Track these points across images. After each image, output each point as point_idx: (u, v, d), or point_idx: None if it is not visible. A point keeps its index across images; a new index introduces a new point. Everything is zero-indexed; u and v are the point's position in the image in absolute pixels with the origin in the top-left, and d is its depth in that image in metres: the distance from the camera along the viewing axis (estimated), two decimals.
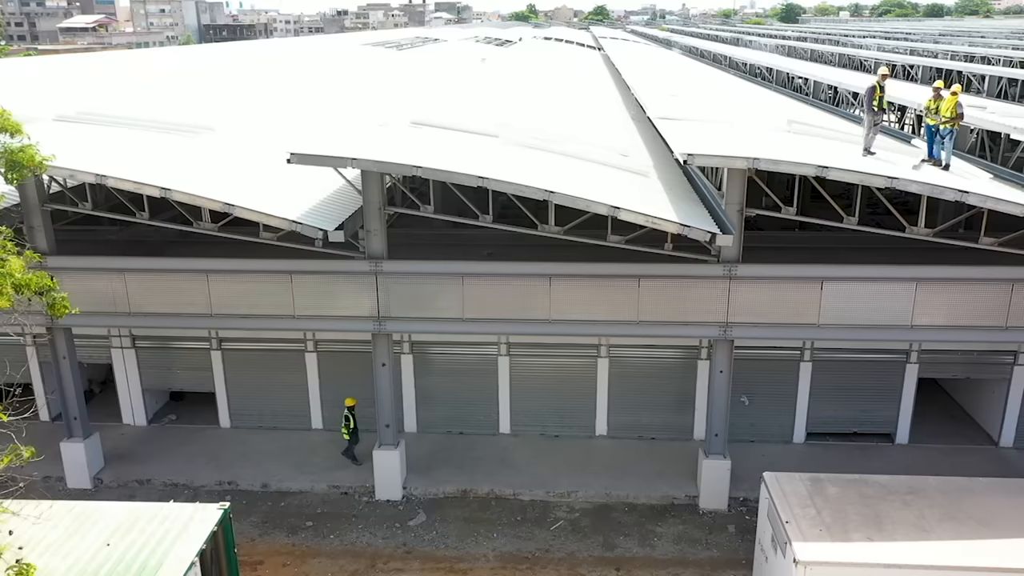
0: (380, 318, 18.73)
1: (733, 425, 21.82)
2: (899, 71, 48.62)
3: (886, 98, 18.27)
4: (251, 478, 20.78)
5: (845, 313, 17.93)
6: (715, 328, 18.31)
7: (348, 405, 21.10)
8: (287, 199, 17.90)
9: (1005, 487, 15.87)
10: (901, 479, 16.10)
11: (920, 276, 17.62)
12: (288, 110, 27.87)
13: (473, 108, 26.40)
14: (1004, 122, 19.96)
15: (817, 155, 17.63)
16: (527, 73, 44.66)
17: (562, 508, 19.96)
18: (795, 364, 21.65)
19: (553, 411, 22.53)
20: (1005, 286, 17.44)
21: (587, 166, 20.10)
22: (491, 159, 18.76)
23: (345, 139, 18.85)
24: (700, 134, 19.29)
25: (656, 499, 20.10)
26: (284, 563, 18.12)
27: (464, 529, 19.18)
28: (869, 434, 22.25)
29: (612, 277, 18.22)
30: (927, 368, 21.57)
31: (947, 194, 15.79)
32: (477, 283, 18.44)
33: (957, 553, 13.81)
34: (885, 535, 14.32)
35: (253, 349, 22.47)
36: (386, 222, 18.50)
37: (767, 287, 17.97)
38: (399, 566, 18.03)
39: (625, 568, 17.91)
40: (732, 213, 17.51)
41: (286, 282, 18.64)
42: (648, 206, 17.00)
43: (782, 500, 15.31)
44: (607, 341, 21.69)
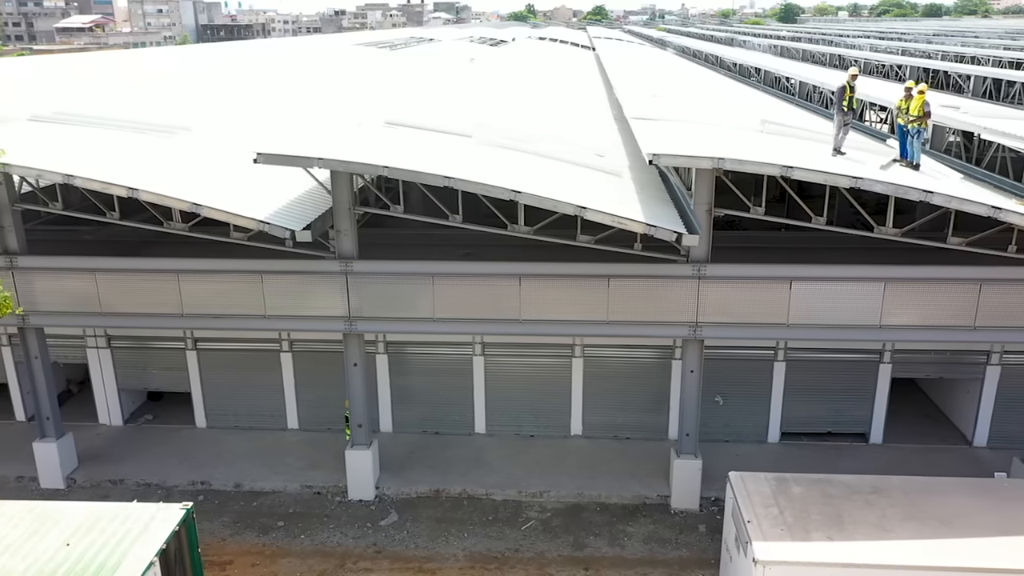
0: (351, 318, 18.74)
1: (707, 425, 21.91)
2: (888, 71, 48.65)
3: (856, 97, 18.31)
4: (224, 478, 20.80)
5: (814, 313, 17.94)
6: (685, 328, 18.32)
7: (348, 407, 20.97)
8: (258, 199, 17.87)
9: (968, 487, 15.88)
10: (866, 479, 16.12)
11: (888, 276, 17.62)
12: (269, 110, 27.88)
13: (452, 108, 26.43)
14: (975, 122, 19.97)
15: (785, 155, 17.64)
16: (514, 73, 44.68)
17: (534, 508, 19.98)
18: (769, 364, 21.67)
19: (528, 411, 22.55)
20: (973, 286, 17.45)
21: (560, 166, 20.12)
22: (461, 159, 18.78)
23: (313, 139, 18.86)
24: (671, 134, 19.32)
25: (628, 499, 20.12)
26: (253, 563, 18.14)
27: (435, 529, 19.19)
28: (843, 434, 22.27)
29: (582, 277, 18.24)
30: (901, 368, 21.58)
31: (912, 194, 15.80)
32: (447, 283, 18.46)
33: (916, 552, 13.83)
34: (845, 535, 14.33)
35: (228, 349, 22.49)
36: (357, 222, 18.53)
37: (736, 287, 17.98)
38: (368, 566, 18.04)
39: (594, 568, 17.92)
40: (700, 213, 17.51)
41: (257, 282, 18.65)
42: (616, 206, 17.01)
43: (745, 500, 15.32)
44: (582, 341, 21.72)
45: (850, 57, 57.01)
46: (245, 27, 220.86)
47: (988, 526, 14.45)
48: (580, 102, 33.59)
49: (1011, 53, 51.91)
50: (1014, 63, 47.43)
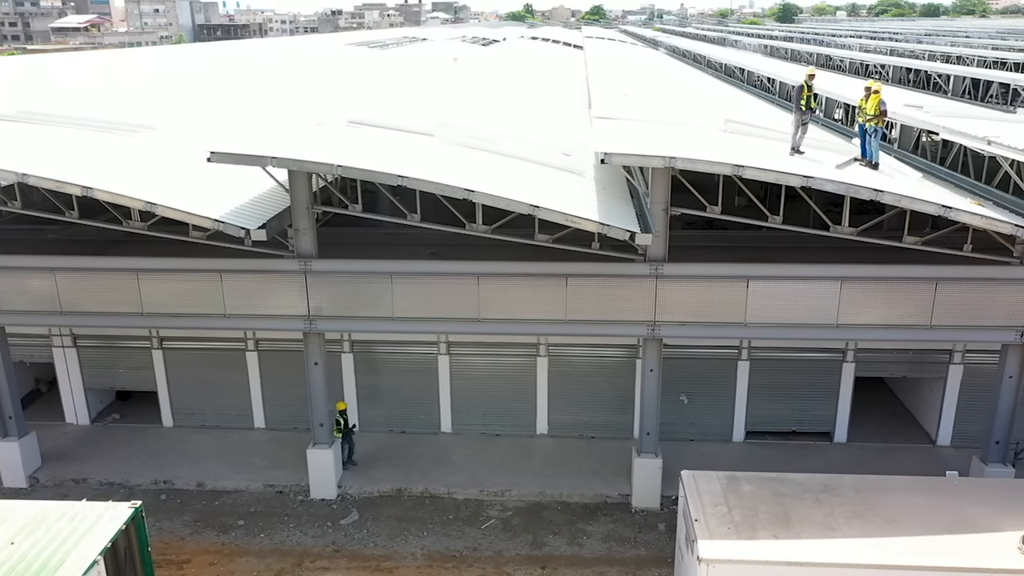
0: (311, 317, 18.75)
1: (673, 424, 22.00)
2: (873, 71, 48.66)
3: (814, 96, 18.31)
4: (187, 477, 20.82)
5: (772, 312, 17.95)
6: (643, 327, 18.34)
7: (339, 409, 20.90)
8: (216, 198, 17.90)
9: (919, 485, 15.91)
10: (818, 477, 16.13)
11: (844, 275, 17.64)
12: (239, 109, 27.89)
13: (422, 107, 26.46)
14: (936, 121, 19.96)
15: (741, 155, 17.63)
16: (497, 73, 44.70)
17: (495, 507, 20.00)
18: (733, 363, 21.70)
19: (494, 410, 22.57)
20: (928, 285, 17.46)
21: (523, 165, 20.15)
22: (420, 158, 18.80)
23: (271, 138, 18.89)
24: (629, 133, 19.33)
25: (589, 498, 20.14)
26: (211, 562, 18.15)
27: (395, 528, 19.21)
28: (808, 433, 22.28)
29: (540, 276, 18.24)
30: (864, 367, 21.61)
31: (862, 193, 15.83)
32: (406, 282, 18.47)
33: (858, 550, 13.84)
34: (791, 533, 14.35)
35: (194, 348, 22.51)
36: (317, 221, 18.57)
37: (694, 286, 18.00)
38: (326, 565, 18.06)
39: (551, 567, 17.94)
40: (657, 212, 17.55)
41: (216, 281, 18.64)
42: (571, 205, 17.05)
43: (695, 498, 15.34)
44: (546, 340, 21.73)
45: (837, 57, 57.07)
46: (242, 27, 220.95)
47: (934, 524, 14.47)
48: (557, 101, 33.61)
49: (997, 53, 52.00)
50: (998, 63, 47.49)
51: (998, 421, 18.71)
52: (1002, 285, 17.34)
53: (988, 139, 16.79)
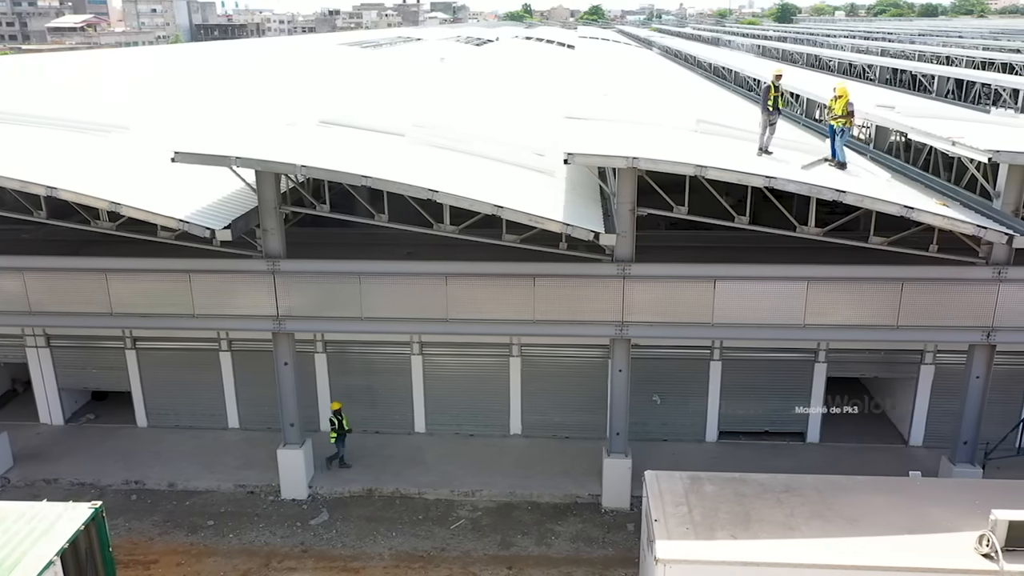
0: (279, 317, 18.76)
1: (645, 424, 22.02)
2: (859, 71, 48.65)
3: (781, 96, 18.30)
4: (159, 477, 20.83)
5: (738, 312, 17.97)
6: (611, 327, 18.34)
7: (333, 409, 20.86)
8: (184, 198, 17.92)
9: (881, 485, 15.88)
10: (780, 477, 16.11)
11: (810, 275, 17.65)
12: (216, 109, 27.87)
13: (399, 107, 26.47)
14: (905, 122, 19.96)
15: (709, 155, 17.66)
16: (484, 73, 44.71)
17: (465, 507, 20.00)
18: (705, 363, 21.70)
19: (467, 410, 22.58)
20: (895, 285, 17.47)
21: (494, 165, 20.19)
22: (388, 158, 18.83)
23: (238, 138, 18.89)
24: (598, 134, 19.32)
25: (559, 498, 20.15)
26: (178, 562, 18.15)
27: (364, 528, 19.22)
28: (781, 433, 22.29)
29: (507, 276, 18.25)
30: (836, 368, 21.61)
31: (825, 193, 15.85)
32: (374, 282, 18.47)
33: (816, 550, 13.81)
34: (750, 533, 14.33)
35: (167, 348, 22.52)
36: (287, 221, 18.59)
37: (661, 286, 17.99)
38: (293, 565, 18.06)
39: (517, 567, 17.94)
40: (624, 212, 17.56)
41: (185, 281, 18.65)
42: (538, 205, 17.07)
43: (656, 498, 15.32)
44: (519, 340, 21.74)
45: (826, 57, 57.09)
46: (239, 27, 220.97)
47: (893, 524, 14.44)
48: (539, 101, 33.58)
49: (986, 53, 51.97)
50: (985, 63, 47.49)
51: (966, 421, 18.73)
52: (968, 285, 17.35)
53: (952, 140, 16.79)
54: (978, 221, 15.99)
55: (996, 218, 16.71)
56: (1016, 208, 16.86)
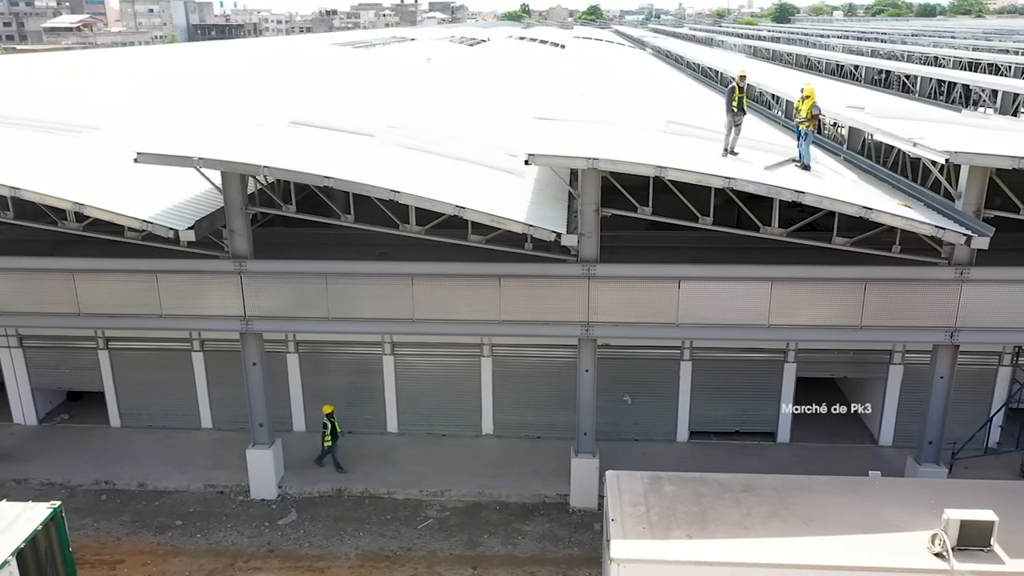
0: (247, 318, 18.80)
1: (617, 424, 22.09)
2: (847, 72, 48.71)
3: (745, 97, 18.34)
4: (129, 477, 20.87)
5: (703, 312, 18.00)
6: (577, 327, 18.39)
7: (326, 412, 20.85)
8: (151, 198, 17.97)
9: (840, 485, 15.94)
10: (740, 477, 16.16)
11: (774, 276, 17.70)
12: (191, 110, 27.88)
13: (374, 107, 26.50)
14: (871, 122, 19.99)
15: (674, 155, 17.72)
16: (470, 73, 44.75)
17: (434, 507, 20.05)
18: (675, 364, 21.75)
19: (439, 410, 22.63)
20: (858, 285, 17.51)
21: (464, 166, 20.24)
22: (354, 159, 18.88)
23: (202, 139, 18.93)
24: (565, 135, 19.36)
25: (528, 498, 20.20)
26: (144, 562, 18.18)
27: (332, 528, 19.26)
28: (752, 433, 22.34)
29: (473, 277, 18.30)
30: (805, 368, 21.66)
31: (784, 194, 15.90)
32: (341, 283, 18.51)
33: (769, 550, 13.87)
34: (706, 533, 14.38)
35: (140, 348, 22.56)
36: (254, 222, 18.63)
37: (626, 286, 18.04)
38: (259, 565, 18.11)
39: (482, 566, 17.99)
40: (588, 213, 17.61)
41: (152, 281, 18.69)
42: (502, 206, 17.11)
43: (615, 498, 15.37)
44: (490, 340, 21.78)
45: (814, 57, 57.15)
46: (236, 27, 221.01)
47: (848, 524, 14.49)
48: (519, 101, 33.60)
49: (974, 54, 52.01)
50: (972, 63, 47.54)
51: (930, 421, 18.77)
52: (930, 286, 17.40)
53: (914, 141, 16.84)
54: (937, 222, 16.03)
55: (957, 219, 16.74)
56: (977, 209, 16.89)
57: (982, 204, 16.92)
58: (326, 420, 20.80)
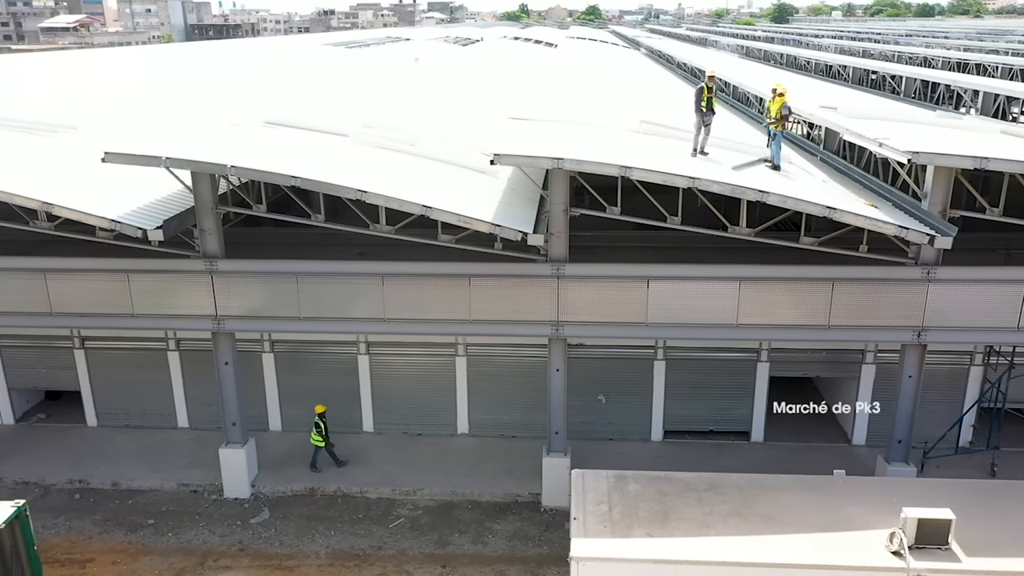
0: (218, 317, 18.85)
1: (592, 423, 22.14)
2: (835, 72, 48.76)
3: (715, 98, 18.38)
4: (103, 476, 20.91)
5: (672, 312, 18.04)
6: (547, 327, 18.43)
7: (318, 412, 20.87)
8: (122, 198, 18.01)
9: (803, 484, 16.01)
10: (705, 476, 16.22)
11: (742, 275, 17.74)
12: (170, 110, 27.90)
13: (352, 107, 26.55)
14: (841, 122, 20.03)
15: (642, 155, 17.77)
16: (455, 73, 44.80)
17: (406, 506, 20.11)
18: (649, 363, 21.80)
19: (415, 409, 22.67)
20: (825, 285, 17.56)
21: (437, 166, 20.29)
22: (326, 159, 18.92)
23: (172, 138, 18.99)
24: (536, 135, 19.38)
25: (500, 496, 20.25)
26: (114, 561, 18.22)
27: (303, 527, 19.31)
28: (726, 432, 22.39)
29: (443, 276, 18.35)
30: (779, 367, 21.71)
31: (748, 194, 15.95)
32: (311, 282, 18.55)
33: (728, 548, 13.93)
34: (666, 531, 14.44)
35: (115, 348, 22.60)
36: (224, 221, 18.69)
37: (595, 286, 18.09)
38: (228, 563, 18.15)
39: (451, 565, 18.04)
40: (556, 213, 17.67)
41: (123, 281, 18.74)
42: (470, 206, 17.16)
43: (579, 497, 15.45)
44: (464, 340, 21.83)
45: (803, 58, 57.21)
46: (234, 27, 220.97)
47: (809, 522, 14.56)
48: (500, 101, 33.65)
49: (963, 54, 52.01)
50: (961, 64, 47.57)
51: (899, 420, 18.82)
52: (897, 285, 17.46)
53: (879, 141, 16.88)
54: (901, 222, 16.08)
55: (923, 219, 16.80)
56: (943, 208, 16.95)
57: (948, 204, 16.98)
58: (317, 420, 20.81)
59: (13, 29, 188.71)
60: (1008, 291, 17.30)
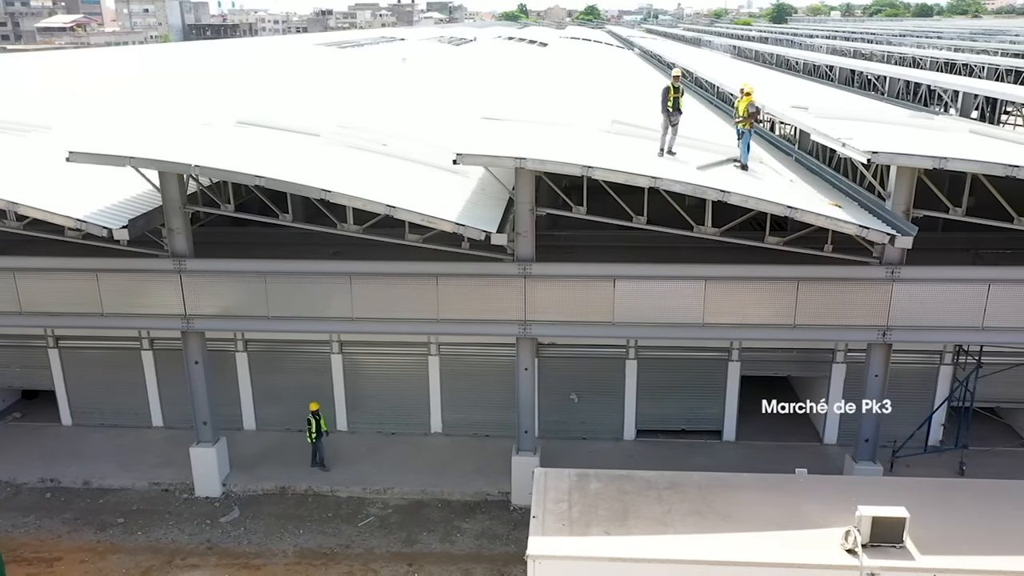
0: (187, 316, 18.90)
1: (564, 423, 22.21)
2: (822, 72, 48.77)
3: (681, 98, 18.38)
4: (74, 475, 20.96)
5: (639, 311, 18.10)
6: (515, 326, 18.49)
7: (312, 410, 20.91)
8: (91, 198, 18.07)
9: (764, 482, 16.04)
10: (667, 475, 16.25)
11: (708, 275, 17.80)
12: (148, 109, 27.91)
13: (329, 107, 26.59)
14: (808, 123, 20.06)
15: (607, 155, 17.79)
16: (441, 73, 44.83)
17: (376, 505, 20.15)
18: (621, 362, 21.84)
19: (388, 408, 22.73)
20: (790, 284, 17.62)
21: (409, 166, 20.32)
22: (295, 159, 18.95)
23: (144, 138, 19.03)
24: (506, 135, 19.42)
25: (470, 495, 20.30)
26: (82, 559, 18.27)
27: (273, 525, 19.35)
28: (699, 431, 22.43)
29: (410, 276, 18.41)
30: (750, 366, 21.75)
31: (709, 194, 15.99)
32: (280, 281, 18.61)
33: (684, 546, 13.95)
34: (624, 529, 14.47)
35: (90, 348, 22.64)
36: (192, 221, 18.75)
37: (562, 285, 18.15)
38: (196, 562, 18.20)
39: (418, 563, 18.09)
40: (523, 213, 17.74)
41: (92, 280, 18.79)
42: (437, 206, 17.20)
43: (540, 496, 15.47)
44: (437, 339, 21.87)
45: (792, 58, 57.24)
46: (232, 27, 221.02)
47: (766, 520, 14.57)
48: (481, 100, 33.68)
49: (950, 55, 52.05)
50: (948, 64, 47.59)
51: (866, 419, 18.87)
52: (862, 285, 17.52)
53: (842, 141, 16.93)
54: (863, 221, 16.12)
55: (886, 218, 16.85)
56: (907, 208, 16.99)
57: (911, 204, 17.03)
58: (310, 417, 20.84)
59: (11, 29, 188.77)
60: (972, 290, 17.35)
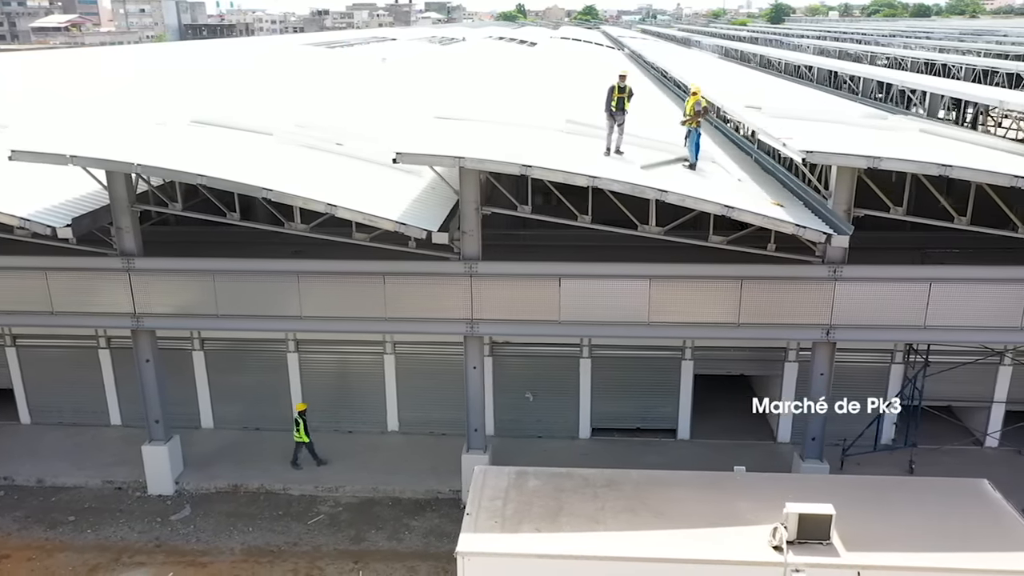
0: (137, 315, 18.96)
1: (520, 421, 22.28)
2: (801, 72, 48.84)
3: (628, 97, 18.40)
4: (28, 473, 21.02)
5: (584, 309, 18.14)
6: (462, 324, 18.54)
7: (299, 410, 21.01)
8: (40, 196, 18.12)
9: (701, 480, 16.15)
10: (606, 472, 16.34)
11: (652, 273, 17.85)
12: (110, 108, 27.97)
13: (289, 106, 26.65)
14: (757, 123, 20.10)
15: (553, 155, 17.83)
16: (418, 74, 44.89)
17: (328, 502, 20.21)
18: (576, 361, 21.90)
19: (345, 407, 22.78)
20: (734, 283, 17.66)
21: (362, 165, 20.37)
22: (243, 158, 19.02)
23: (93, 136, 19.10)
24: (456, 134, 19.45)
25: (421, 493, 20.36)
26: (30, 557, 18.32)
27: (222, 523, 19.41)
28: (654, 430, 22.49)
29: (358, 275, 18.46)
30: (703, 365, 21.82)
31: (648, 193, 16.03)
32: (228, 280, 18.66)
33: (613, 543, 14.03)
34: (555, 527, 14.53)
35: (47, 346, 22.70)
36: (140, 219, 18.81)
37: (508, 284, 18.20)
38: (143, 559, 18.25)
39: (364, 561, 18.15)
40: (468, 211, 17.80)
41: (42, 279, 18.85)
42: (379, 204, 17.27)
43: (476, 493, 15.54)
44: (392, 338, 21.94)
45: (774, 58, 57.33)
46: (228, 27, 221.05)
47: (698, 517, 14.65)
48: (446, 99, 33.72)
49: (932, 55, 52.07)
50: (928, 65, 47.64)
51: (812, 418, 18.91)
52: (805, 284, 17.57)
53: (783, 141, 16.98)
54: (801, 220, 16.17)
55: (827, 217, 16.91)
56: (848, 207, 17.03)
57: (851, 203, 17.07)
58: (297, 418, 20.90)
59: (7, 29, 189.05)
60: (914, 289, 17.40)
